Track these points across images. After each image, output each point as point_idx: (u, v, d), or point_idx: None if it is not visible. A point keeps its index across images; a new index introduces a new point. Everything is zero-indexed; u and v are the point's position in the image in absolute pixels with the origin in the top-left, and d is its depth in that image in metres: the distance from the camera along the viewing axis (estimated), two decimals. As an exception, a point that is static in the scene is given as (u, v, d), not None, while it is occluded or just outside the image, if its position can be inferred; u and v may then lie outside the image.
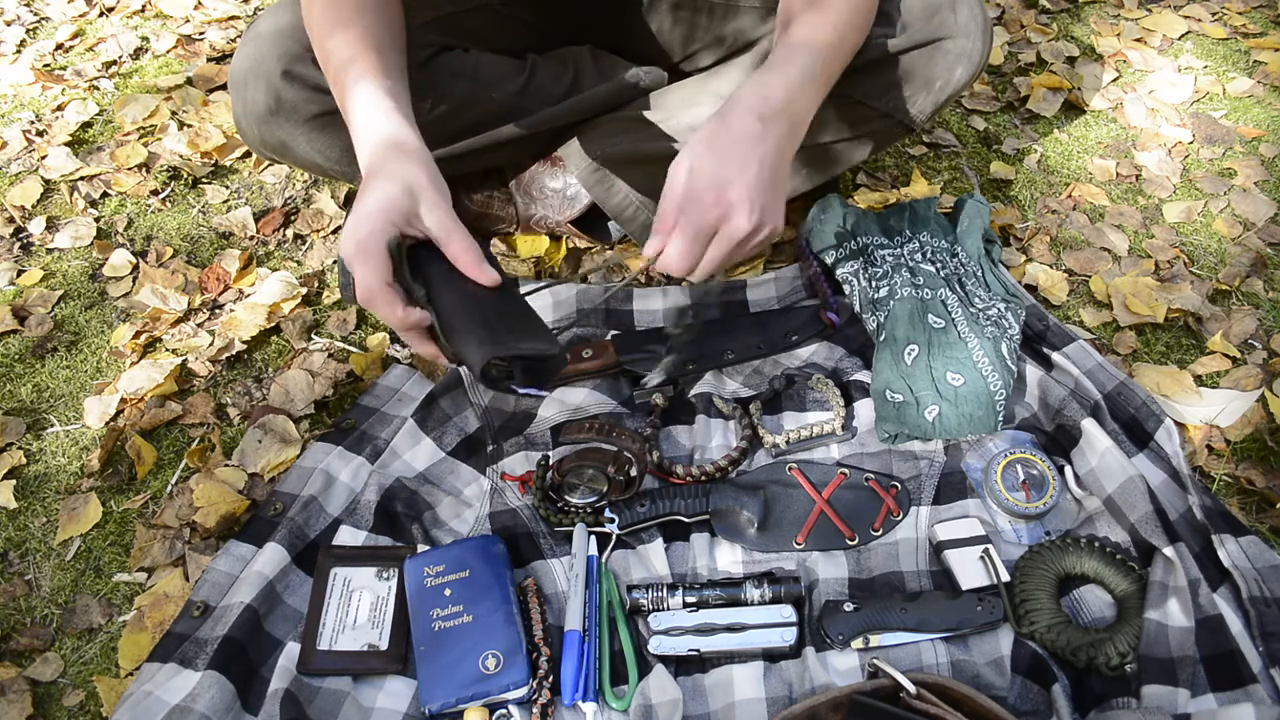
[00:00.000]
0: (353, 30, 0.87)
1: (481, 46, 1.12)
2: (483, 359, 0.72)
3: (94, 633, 0.91)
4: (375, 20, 0.90)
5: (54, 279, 1.26)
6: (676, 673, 0.84)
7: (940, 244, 1.16)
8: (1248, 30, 1.69)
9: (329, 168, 1.10)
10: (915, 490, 0.96)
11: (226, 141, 1.44)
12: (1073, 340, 1.09)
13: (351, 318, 1.19)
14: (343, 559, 0.91)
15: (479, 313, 0.74)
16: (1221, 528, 0.89)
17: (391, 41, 0.91)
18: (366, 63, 0.86)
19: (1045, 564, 0.88)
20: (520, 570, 0.92)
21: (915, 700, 0.76)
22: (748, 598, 0.87)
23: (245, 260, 1.26)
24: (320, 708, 0.81)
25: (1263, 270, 1.24)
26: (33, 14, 1.77)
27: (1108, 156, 1.43)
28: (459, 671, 0.82)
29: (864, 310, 1.09)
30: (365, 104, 0.84)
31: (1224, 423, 1.03)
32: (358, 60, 0.86)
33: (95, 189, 1.38)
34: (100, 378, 1.14)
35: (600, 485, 0.94)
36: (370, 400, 1.07)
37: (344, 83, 0.86)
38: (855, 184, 1.38)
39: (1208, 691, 0.80)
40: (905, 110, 1.06)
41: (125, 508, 1.01)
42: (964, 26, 1.00)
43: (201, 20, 1.73)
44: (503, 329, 0.74)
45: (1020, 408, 1.03)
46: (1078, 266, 1.24)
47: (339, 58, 0.87)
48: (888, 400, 0.99)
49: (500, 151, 1.15)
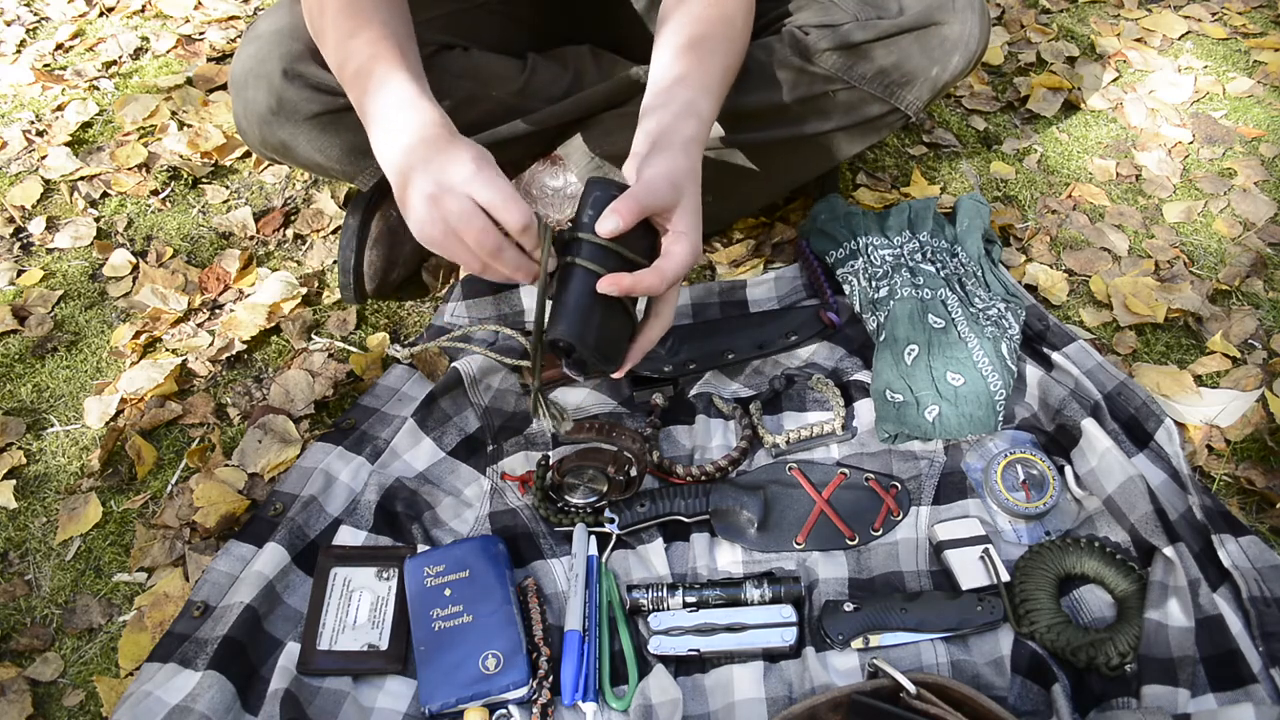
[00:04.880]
0: (372, 30, 0.86)
1: (481, 46, 1.12)
2: (558, 335, 0.77)
3: (94, 633, 0.91)
4: (392, 18, 0.89)
5: (54, 279, 1.26)
6: (676, 673, 0.84)
7: (940, 244, 1.16)
8: (1248, 30, 1.69)
9: (330, 167, 1.10)
10: (915, 490, 0.96)
11: (226, 141, 1.44)
12: (1073, 340, 1.09)
13: (351, 318, 1.19)
14: (343, 559, 0.91)
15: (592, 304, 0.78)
16: (1221, 528, 0.89)
17: (409, 40, 0.90)
18: (392, 60, 0.85)
19: (1045, 564, 0.88)
20: (520, 570, 0.92)
21: (915, 700, 0.76)
22: (748, 598, 0.87)
23: (245, 260, 1.26)
24: (320, 708, 0.81)
25: (1263, 270, 1.24)
26: (33, 14, 1.77)
27: (1108, 156, 1.43)
28: (459, 671, 0.82)
29: (864, 310, 1.09)
30: (398, 99, 0.83)
31: (1224, 423, 1.03)
32: (382, 59, 0.85)
33: (95, 189, 1.38)
34: (100, 378, 1.14)
35: (600, 485, 0.94)
36: (370, 400, 1.07)
37: (367, 83, 0.85)
38: (855, 184, 1.38)
39: (1208, 691, 0.80)
40: (902, 98, 1.06)
41: (125, 508, 1.01)
42: (961, 12, 1.01)
43: (201, 20, 1.73)
44: (592, 321, 0.78)
45: (1020, 408, 1.03)
46: (1078, 266, 1.24)
47: (361, 57, 0.86)
48: (888, 400, 0.99)
49: (500, 151, 1.14)
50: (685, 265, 0.78)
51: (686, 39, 0.89)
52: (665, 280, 0.77)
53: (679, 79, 0.87)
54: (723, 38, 0.91)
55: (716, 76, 0.89)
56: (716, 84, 0.89)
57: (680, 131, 0.83)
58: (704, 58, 0.89)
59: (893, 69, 1.04)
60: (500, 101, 1.11)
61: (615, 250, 0.77)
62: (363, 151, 1.07)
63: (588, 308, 0.77)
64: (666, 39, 0.90)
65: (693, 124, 0.84)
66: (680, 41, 0.89)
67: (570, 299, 0.78)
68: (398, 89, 0.83)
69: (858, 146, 1.14)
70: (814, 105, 1.08)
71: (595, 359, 0.79)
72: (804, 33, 1.04)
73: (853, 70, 1.04)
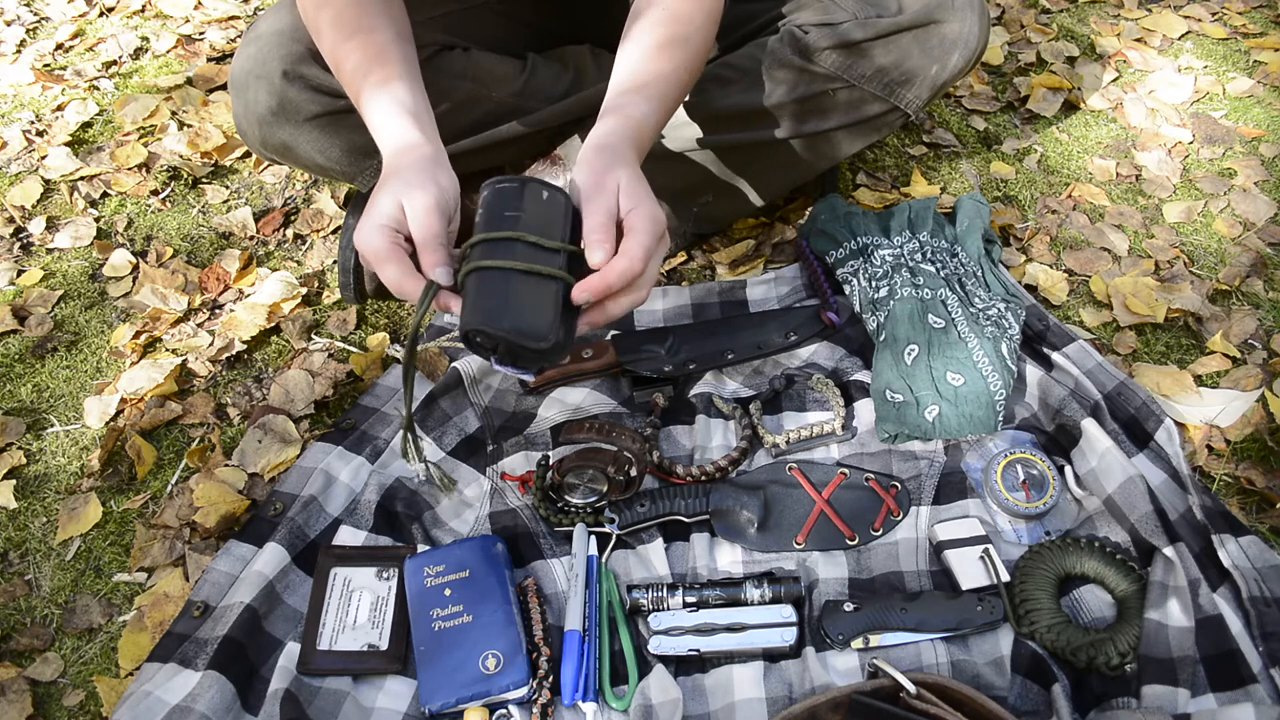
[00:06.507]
0: (361, 36, 0.87)
1: (481, 46, 1.12)
2: (464, 327, 0.72)
3: (94, 633, 0.91)
4: (384, 24, 0.89)
5: (54, 279, 1.26)
6: (676, 673, 0.84)
7: (940, 244, 1.16)
8: (1248, 30, 1.69)
9: (330, 168, 1.10)
10: (915, 490, 0.96)
11: (226, 141, 1.44)
12: (1073, 340, 1.09)
13: (351, 318, 1.19)
14: (343, 559, 0.91)
15: (500, 286, 0.72)
16: (1221, 528, 0.89)
17: (400, 46, 0.90)
18: (381, 70, 0.85)
19: (1045, 564, 0.88)
20: (520, 570, 0.92)
21: (915, 700, 0.76)
22: (748, 598, 0.87)
23: (245, 260, 1.26)
24: (320, 708, 0.81)
25: (1263, 270, 1.24)
26: (33, 14, 1.77)
27: (1108, 156, 1.43)
28: (459, 672, 0.82)
29: (864, 310, 1.09)
30: (380, 112, 0.84)
31: (1224, 423, 1.03)
32: (371, 67, 0.85)
33: (95, 189, 1.38)
34: (100, 378, 1.14)
35: (600, 485, 0.94)
36: (370, 400, 1.07)
37: (359, 90, 0.86)
38: (855, 184, 1.38)
39: (1208, 691, 0.80)
40: (902, 96, 1.06)
41: (125, 508, 1.01)
42: (960, 11, 1.01)
43: (201, 20, 1.73)
44: (502, 307, 0.72)
45: (1020, 408, 1.03)
46: (1078, 266, 1.24)
47: (351, 63, 0.87)
48: (888, 400, 0.99)
49: (500, 151, 1.15)
50: (651, 234, 0.74)
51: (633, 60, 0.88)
52: (636, 259, 0.72)
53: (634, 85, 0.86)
54: (681, 37, 0.89)
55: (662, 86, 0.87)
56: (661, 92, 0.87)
57: (607, 135, 0.81)
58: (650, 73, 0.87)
59: (892, 68, 1.04)
60: (500, 101, 1.11)
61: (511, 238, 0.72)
62: (363, 152, 1.07)
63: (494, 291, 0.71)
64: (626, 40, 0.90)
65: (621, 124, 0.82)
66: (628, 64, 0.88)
67: (472, 292, 0.72)
68: (380, 102, 0.83)
69: (858, 146, 1.14)
70: (814, 104, 1.08)
71: (518, 340, 0.71)
72: (803, 32, 1.04)
73: (852, 69, 1.04)
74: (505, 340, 0.71)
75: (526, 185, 0.75)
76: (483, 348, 0.74)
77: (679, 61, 0.88)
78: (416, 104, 0.85)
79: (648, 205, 0.75)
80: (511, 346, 0.72)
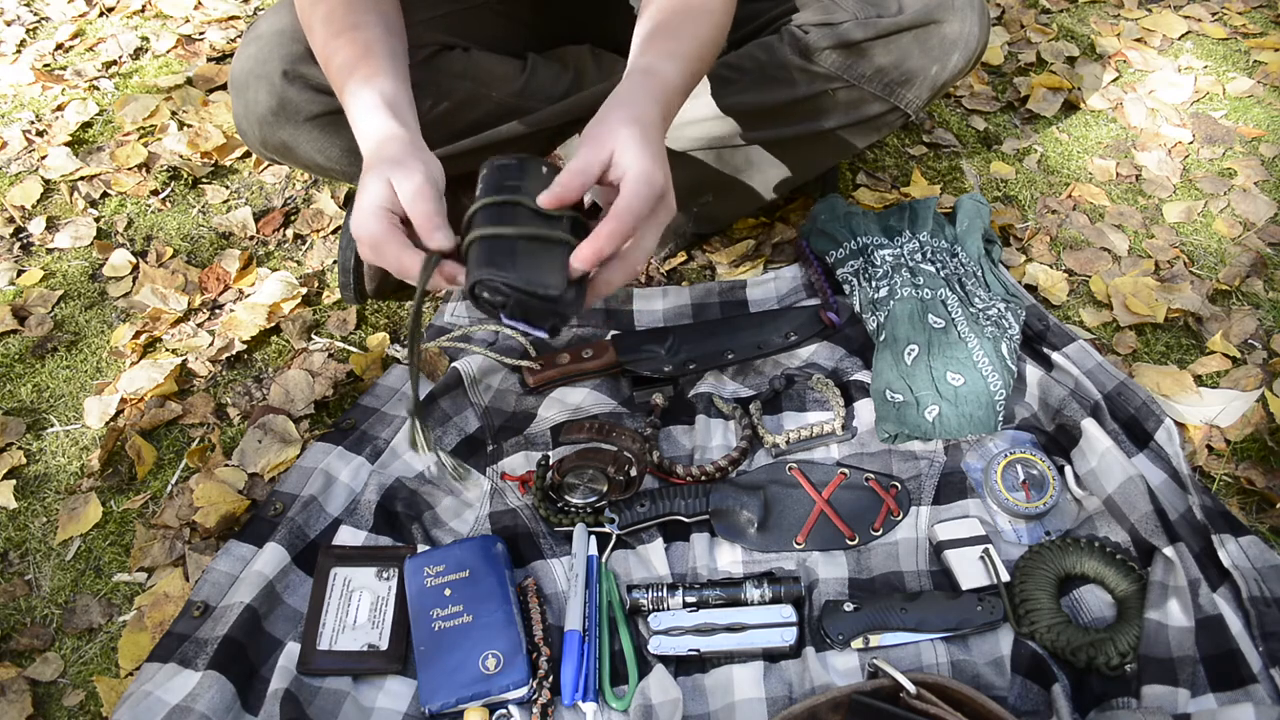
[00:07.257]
0: (349, 33, 0.88)
1: (481, 46, 1.12)
2: (471, 280, 0.71)
3: (94, 633, 0.91)
4: (373, 21, 0.90)
5: (54, 279, 1.26)
6: (676, 673, 0.84)
7: (940, 244, 1.16)
8: (1248, 30, 1.69)
9: (330, 168, 1.10)
10: (915, 490, 0.96)
11: (226, 141, 1.44)
12: (1073, 340, 1.09)
13: (351, 318, 1.19)
14: (343, 559, 0.91)
15: (506, 245, 0.72)
16: (1221, 528, 0.89)
17: (387, 43, 0.91)
18: (366, 69, 0.86)
19: (1045, 564, 0.88)
20: (520, 570, 0.92)
21: (915, 700, 0.76)
22: (748, 598, 0.87)
23: (245, 260, 1.26)
24: (320, 708, 0.81)
25: (1263, 270, 1.24)
26: (33, 14, 1.77)
27: (1108, 156, 1.43)
28: (459, 672, 0.82)
29: (864, 310, 1.09)
30: (361, 106, 0.84)
31: (1224, 423, 1.03)
32: (356, 64, 0.86)
33: (95, 189, 1.38)
34: (100, 378, 1.14)
35: (600, 485, 0.94)
36: (370, 400, 1.07)
37: (343, 85, 0.86)
38: (855, 184, 1.38)
39: (1208, 691, 0.80)
40: (902, 96, 1.06)
41: (125, 508, 1.01)
42: (960, 11, 1.01)
43: (201, 20, 1.73)
44: (509, 260, 0.71)
45: (1020, 408, 1.03)
46: (1078, 266, 1.24)
47: (339, 59, 0.87)
48: (888, 400, 0.99)
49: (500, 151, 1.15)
50: (640, 197, 0.72)
51: (653, 23, 0.87)
52: (626, 218, 0.71)
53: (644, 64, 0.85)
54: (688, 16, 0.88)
55: (685, 44, 0.86)
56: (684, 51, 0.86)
57: (625, 91, 0.80)
58: (670, 35, 0.86)
59: (892, 68, 1.04)
60: (500, 102, 1.11)
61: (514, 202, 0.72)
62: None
63: (501, 249, 0.71)
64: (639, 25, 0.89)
65: (641, 79, 0.81)
66: (647, 27, 0.87)
67: (477, 252, 0.72)
68: (363, 101, 0.83)
69: (858, 145, 1.14)
70: (814, 104, 1.08)
71: (527, 286, 0.70)
72: (804, 31, 1.04)
73: (852, 69, 1.04)
74: (514, 290, 0.70)
75: (526, 161, 0.75)
76: (490, 304, 0.72)
77: (701, 26, 0.88)
78: (398, 99, 0.85)
79: (642, 165, 0.73)
80: (521, 297, 0.70)
